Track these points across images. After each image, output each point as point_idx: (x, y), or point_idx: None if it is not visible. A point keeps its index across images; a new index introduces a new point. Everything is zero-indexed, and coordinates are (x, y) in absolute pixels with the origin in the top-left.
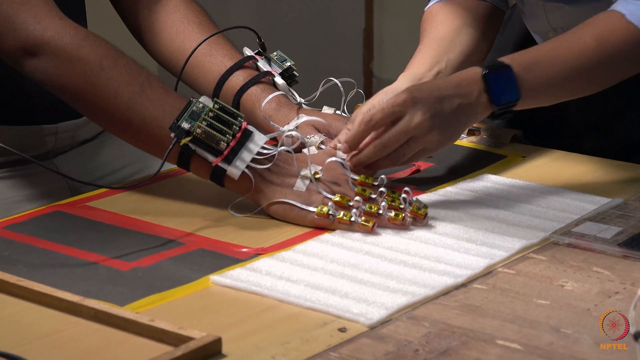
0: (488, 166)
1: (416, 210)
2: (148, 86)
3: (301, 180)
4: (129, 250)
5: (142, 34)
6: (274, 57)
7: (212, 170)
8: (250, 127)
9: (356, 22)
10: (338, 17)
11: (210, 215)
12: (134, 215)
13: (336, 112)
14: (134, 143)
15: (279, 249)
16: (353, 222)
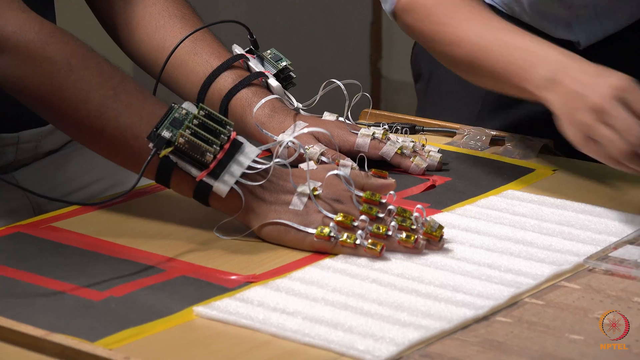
0: (513, 181)
1: (430, 231)
2: (123, 89)
3: (298, 198)
4: (101, 277)
5: (116, 30)
6: (268, 56)
7: (195, 186)
8: (240, 137)
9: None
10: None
11: (193, 238)
12: (106, 237)
13: (339, 119)
14: (106, 155)
15: (273, 277)
16: (358, 245)
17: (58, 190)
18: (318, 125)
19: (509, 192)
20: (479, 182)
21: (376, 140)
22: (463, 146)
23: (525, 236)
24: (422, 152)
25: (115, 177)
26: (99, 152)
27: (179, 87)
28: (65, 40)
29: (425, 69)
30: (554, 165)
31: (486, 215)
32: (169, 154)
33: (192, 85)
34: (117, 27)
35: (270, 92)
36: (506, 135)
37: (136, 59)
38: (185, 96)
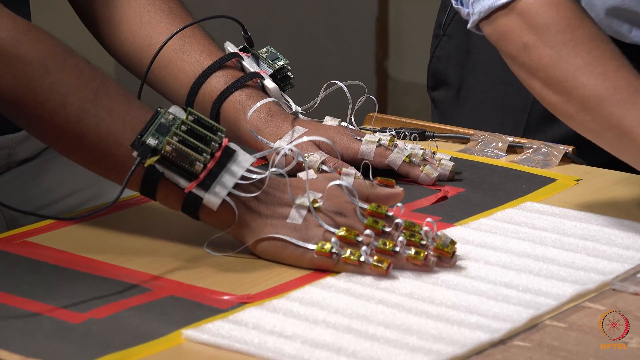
0: (533, 192)
1: (442, 247)
2: (104, 93)
3: (296, 211)
4: (81, 297)
5: (97, 26)
6: (264, 55)
7: (184, 199)
8: (233, 144)
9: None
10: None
11: (182, 254)
12: (86, 254)
13: (341, 123)
14: (87, 164)
15: (270, 297)
16: (362, 262)
17: (33, 203)
18: (318, 130)
19: (528, 204)
20: (495, 193)
21: (382, 147)
22: (478, 154)
23: (545, 252)
24: (433, 161)
25: (96, 188)
26: (78, 161)
27: (166, 89)
28: (41, 39)
29: (453, 76)
30: (578, 174)
31: (503, 229)
32: (154, 164)
33: (180, 87)
34: (99, 23)
35: (266, 95)
36: (525, 141)
37: (119, 58)
38: (173, 99)
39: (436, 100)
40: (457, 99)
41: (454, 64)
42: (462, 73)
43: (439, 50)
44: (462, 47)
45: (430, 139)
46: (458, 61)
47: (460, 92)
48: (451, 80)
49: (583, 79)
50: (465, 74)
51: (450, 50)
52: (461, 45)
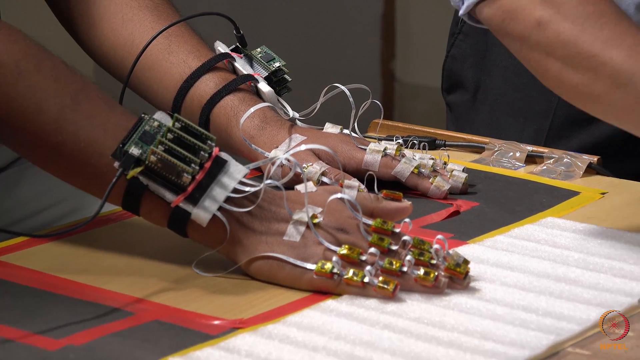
0: (554, 206)
1: (454, 267)
2: (83, 97)
3: (294, 227)
4: (57, 322)
5: (74, 24)
6: (258, 56)
7: (170, 214)
8: (224, 154)
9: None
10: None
11: (168, 275)
12: (63, 274)
13: (343, 131)
14: (64, 176)
15: (265, 321)
16: (367, 283)
17: (5, 218)
18: (318, 139)
19: (549, 220)
20: (513, 208)
21: (388, 157)
22: (493, 164)
23: (567, 273)
24: (444, 172)
25: (75, 202)
26: (54, 173)
27: (150, 93)
28: (13, 39)
29: (469, 77)
30: (603, 186)
31: (521, 247)
32: (138, 175)
33: (166, 91)
34: (76, 20)
35: (260, 99)
36: (546, 151)
37: (99, 60)
38: (159, 104)
39: (451, 104)
40: (474, 102)
41: (470, 64)
42: (479, 74)
43: (454, 50)
44: (479, 46)
45: (441, 148)
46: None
47: (476, 95)
48: (467, 82)
49: (612, 53)
50: (482, 75)
51: (467, 50)
52: (478, 44)
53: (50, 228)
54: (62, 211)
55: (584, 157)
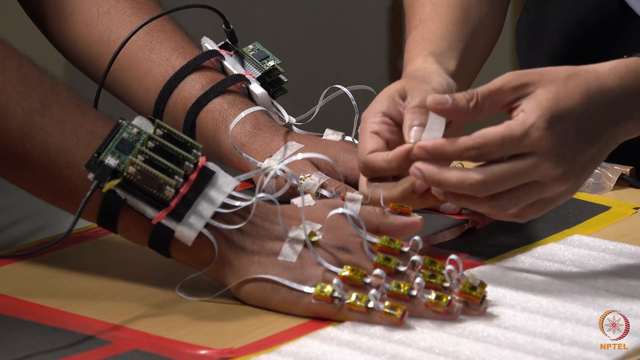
0: (581, 222)
1: (469, 290)
2: (53, 101)
3: (290, 246)
4: (25, 351)
5: (44, 17)
6: (250, 53)
7: (152, 232)
8: (212, 164)
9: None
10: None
11: (149, 299)
12: (32, 299)
13: (345, 138)
14: (31, 189)
15: (257, 351)
16: (371, 309)
17: None
18: (317, 147)
19: (575, 238)
20: (534, 224)
21: None
22: None
23: (596, 297)
24: None
25: (44, 217)
26: (21, 185)
27: (129, 95)
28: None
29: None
30: (637, 201)
31: (544, 268)
32: (115, 188)
33: (146, 93)
34: (46, 13)
35: (252, 102)
36: None
37: (72, 57)
38: (138, 107)
39: None
40: None
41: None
42: (529, 56)
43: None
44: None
45: None
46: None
47: None
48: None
49: None
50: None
51: (524, 28)
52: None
53: (16, 247)
54: (30, 228)
55: (616, 167)
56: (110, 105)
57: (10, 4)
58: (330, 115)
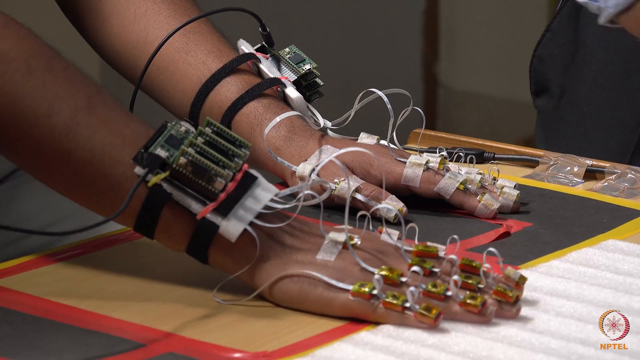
0: (616, 227)
1: (504, 290)
2: (99, 101)
3: (329, 246)
4: (60, 354)
5: (82, 18)
6: (286, 57)
7: (195, 228)
8: (254, 171)
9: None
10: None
11: (183, 302)
12: (66, 301)
13: (380, 142)
14: (69, 189)
15: (291, 355)
16: (407, 309)
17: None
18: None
19: (610, 243)
20: (570, 229)
21: (431, 171)
22: (548, 180)
23: (631, 302)
24: (493, 188)
25: (79, 219)
26: (58, 186)
27: (165, 97)
28: (23, 35)
29: (555, 81)
30: None
31: (578, 273)
32: (161, 182)
33: (182, 95)
34: (84, 14)
35: (288, 106)
36: (607, 165)
37: (108, 58)
38: (174, 109)
39: (538, 108)
40: (558, 109)
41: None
42: (566, 79)
43: (541, 49)
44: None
45: (490, 161)
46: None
47: (561, 102)
48: (553, 86)
49: None
50: (569, 80)
51: (554, 50)
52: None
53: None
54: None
55: None
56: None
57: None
58: (365, 119)
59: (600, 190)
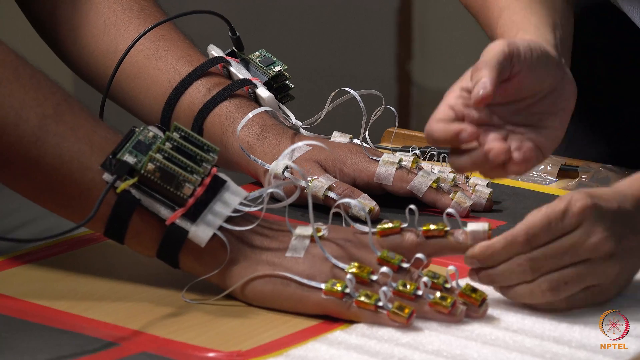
0: None
1: (469, 292)
2: (67, 108)
3: (297, 241)
4: (33, 355)
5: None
6: (256, 60)
7: (164, 234)
8: (222, 174)
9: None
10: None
11: (157, 301)
12: (39, 301)
13: (353, 140)
14: (38, 195)
15: (264, 354)
16: (380, 307)
17: None
18: (325, 149)
19: None
20: None
21: (404, 169)
22: (522, 179)
23: (604, 303)
24: (466, 187)
25: (47, 221)
26: (27, 192)
27: (136, 104)
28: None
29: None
30: None
31: None
32: (130, 188)
33: (153, 101)
34: (54, 27)
35: (259, 106)
36: (581, 164)
37: (78, 69)
38: (145, 115)
39: None
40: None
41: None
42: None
43: None
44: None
45: None
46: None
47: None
48: None
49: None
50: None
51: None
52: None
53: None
54: (33, 231)
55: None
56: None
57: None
58: (338, 118)
59: (574, 188)
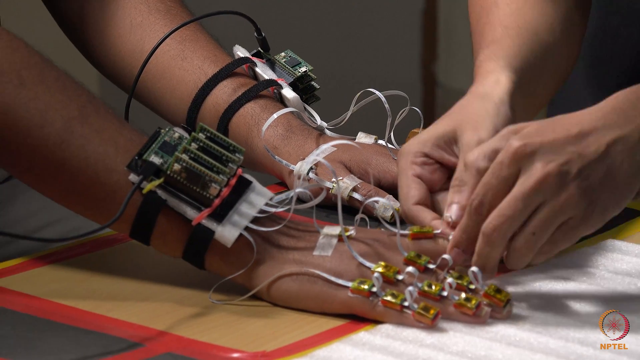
0: (614, 227)
1: (493, 293)
2: (92, 110)
3: (325, 240)
4: (57, 355)
5: (79, 31)
6: (282, 60)
7: (190, 234)
8: (248, 175)
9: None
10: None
11: (182, 302)
12: (64, 301)
13: (378, 141)
14: (64, 197)
15: (289, 355)
16: (405, 308)
17: None
18: (350, 149)
19: (608, 243)
20: None
21: None
22: None
23: (629, 303)
24: None
25: (74, 221)
26: (53, 194)
27: (162, 105)
28: (15, 46)
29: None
30: None
31: (576, 274)
32: (156, 189)
33: (179, 101)
34: (81, 27)
35: (284, 107)
36: None
37: (105, 69)
38: (171, 115)
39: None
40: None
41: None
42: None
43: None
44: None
45: None
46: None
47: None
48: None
49: None
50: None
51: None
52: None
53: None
54: (60, 231)
55: None
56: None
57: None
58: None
59: None
